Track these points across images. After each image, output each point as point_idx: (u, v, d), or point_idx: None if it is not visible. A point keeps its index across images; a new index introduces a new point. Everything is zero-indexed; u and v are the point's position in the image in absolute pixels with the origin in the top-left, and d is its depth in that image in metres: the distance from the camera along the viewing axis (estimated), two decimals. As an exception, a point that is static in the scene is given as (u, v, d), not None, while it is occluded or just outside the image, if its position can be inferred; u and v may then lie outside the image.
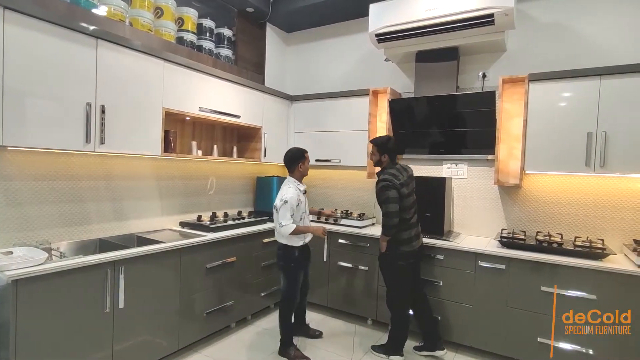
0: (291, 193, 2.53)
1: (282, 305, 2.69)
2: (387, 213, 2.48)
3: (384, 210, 2.50)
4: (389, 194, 2.48)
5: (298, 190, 2.61)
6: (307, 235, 2.71)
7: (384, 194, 2.50)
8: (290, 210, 2.50)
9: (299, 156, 2.66)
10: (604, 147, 2.48)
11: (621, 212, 2.70)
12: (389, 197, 2.48)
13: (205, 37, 3.43)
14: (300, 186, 2.67)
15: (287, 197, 2.50)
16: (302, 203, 2.62)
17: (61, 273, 1.85)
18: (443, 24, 2.79)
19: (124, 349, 2.16)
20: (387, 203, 2.49)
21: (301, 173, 2.68)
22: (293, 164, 2.65)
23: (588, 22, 2.82)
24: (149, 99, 2.49)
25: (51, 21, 1.96)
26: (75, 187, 2.41)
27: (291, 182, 2.64)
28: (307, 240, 2.72)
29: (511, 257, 2.57)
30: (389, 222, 2.48)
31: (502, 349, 2.62)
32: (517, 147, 2.90)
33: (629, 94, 2.42)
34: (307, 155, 2.72)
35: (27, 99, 1.89)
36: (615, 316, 2.27)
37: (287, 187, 2.61)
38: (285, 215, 2.48)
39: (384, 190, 2.50)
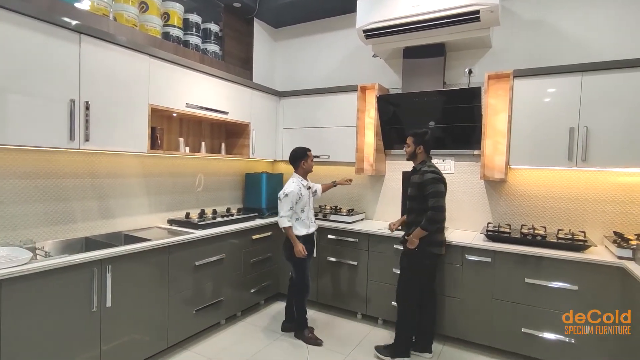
0: (292, 187, 2.75)
1: (297, 293, 2.87)
2: (437, 207, 2.37)
3: (434, 203, 2.38)
4: (440, 187, 2.41)
5: (301, 185, 2.81)
6: (311, 226, 2.87)
7: (434, 186, 2.40)
8: (290, 203, 2.72)
9: (301, 155, 2.85)
10: (585, 141, 2.54)
11: (602, 205, 2.77)
12: (440, 191, 2.41)
13: (192, 33, 3.38)
14: (304, 182, 2.86)
15: (288, 191, 2.73)
16: (303, 197, 2.79)
17: (46, 273, 1.82)
18: (430, 20, 2.81)
19: (112, 347, 2.15)
20: (437, 196, 2.39)
21: (304, 170, 2.87)
22: (296, 161, 2.86)
23: (569, 19, 2.88)
24: (135, 95, 2.45)
25: (31, 15, 1.91)
26: (60, 185, 2.37)
27: (295, 177, 2.86)
28: (310, 231, 2.85)
29: (497, 250, 2.62)
30: (436, 217, 2.38)
31: (489, 340, 2.68)
32: (502, 142, 2.95)
33: (609, 90, 2.48)
34: (310, 154, 2.89)
35: (8, 95, 1.84)
36: (615, 316, 2.28)
37: (290, 182, 2.82)
38: (284, 208, 2.71)
39: (435, 182, 2.41)
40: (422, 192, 2.45)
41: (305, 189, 2.83)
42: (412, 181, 2.58)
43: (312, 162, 2.92)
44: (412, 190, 2.55)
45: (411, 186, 2.57)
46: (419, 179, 2.48)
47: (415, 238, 2.46)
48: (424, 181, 2.44)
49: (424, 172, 2.47)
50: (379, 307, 3.12)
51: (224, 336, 2.90)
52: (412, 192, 2.55)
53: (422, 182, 2.45)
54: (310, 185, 2.93)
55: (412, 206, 2.57)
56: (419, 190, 2.47)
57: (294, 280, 2.90)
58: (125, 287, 2.20)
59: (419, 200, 2.48)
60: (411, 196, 2.56)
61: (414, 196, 2.53)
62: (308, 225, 2.85)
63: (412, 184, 2.57)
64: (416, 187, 2.50)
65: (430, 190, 2.40)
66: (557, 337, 2.45)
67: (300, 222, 2.82)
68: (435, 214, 2.38)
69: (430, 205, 2.39)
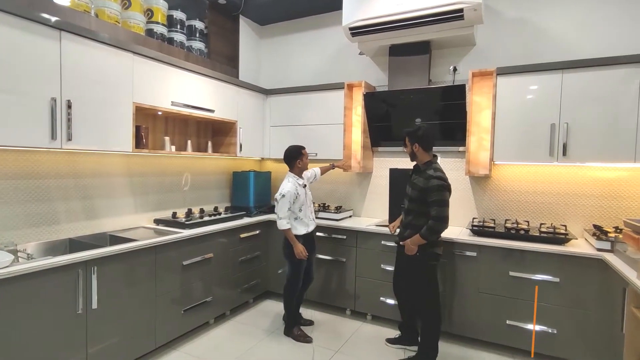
0: (288, 187, 2.73)
1: (286, 289, 2.87)
2: (442, 217, 2.28)
3: (437, 212, 2.28)
4: (446, 196, 2.30)
5: (297, 184, 2.79)
6: (310, 224, 2.87)
7: (440, 194, 2.29)
8: (287, 203, 2.70)
9: (295, 154, 2.83)
10: (566, 137, 2.61)
11: (582, 199, 2.86)
12: (444, 200, 2.29)
13: (177, 30, 3.33)
14: (300, 180, 2.84)
15: (284, 192, 2.71)
16: (300, 196, 2.78)
17: (29, 275, 1.78)
18: (415, 18, 2.84)
19: (99, 350, 2.12)
20: (442, 206, 2.28)
21: (300, 169, 2.85)
22: (291, 161, 2.84)
23: (551, 17, 2.94)
24: (119, 93, 2.41)
25: (9, 11, 1.85)
26: (42, 186, 2.31)
27: (290, 177, 2.83)
28: (309, 229, 2.85)
29: (482, 245, 2.68)
30: (438, 227, 2.30)
31: (475, 332, 2.74)
32: (486, 139, 3.01)
33: (588, 87, 2.55)
34: (305, 152, 2.87)
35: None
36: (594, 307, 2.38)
37: (286, 182, 2.80)
38: (282, 209, 2.69)
39: (441, 190, 2.29)
40: (425, 197, 2.34)
41: (301, 188, 2.81)
42: (414, 182, 2.46)
43: (308, 160, 2.90)
44: (414, 193, 2.43)
45: (413, 187, 2.46)
46: (423, 184, 2.36)
47: (413, 245, 2.39)
48: (429, 187, 2.32)
49: (429, 177, 2.34)
50: (367, 302, 3.15)
51: (213, 335, 2.88)
52: (414, 194, 2.43)
53: (426, 187, 2.33)
54: (306, 184, 2.90)
55: (411, 208, 2.47)
56: (422, 194, 2.36)
57: (287, 277, 2.87)
58: (112, 289, 2.17)
59: (419, 203, 2.39)
60: (412, 198, 2.45)
61: (415, 199, 2.42)
62: (307, 223, 2.84)
63: (414, 185, 2.45)
64: (418, 190, 2.38)
65: (434, 198, 2.29)
66: (540, 328, 2.52)
67: (299, 222, 2.80)
68: (437, 225, 2.29)
69: (433, 215, 2.29)
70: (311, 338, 2.82)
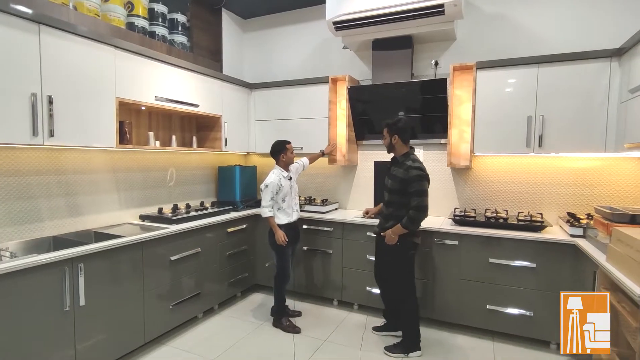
0: (272, 179, 2.86)
1: (276, 280, 2.95)
2: (422, 207, 2.34)
3: (418, 202, 2.34)
4: (425, 186, 2.36)
5: (281, 176, 2.90)
6: (292, 215, 2.95)
7: (419, 184, 2.35)
8: (270, 193, 2.83)
9: (280, 148, 2.93)
10: (541, 129, 2.72)
11: (557, 188, 2.99)
12: (425, 190, 2.36)
13: (158, 23, 3.29)
14: (284, 173, 2.94)
15: (268, 182, 2.85)
16: (283, 187, 2.88)
17: (14, 274, 1.77)
18: (397, 13, 2.89)
19: (88, 346, 2.11)
20: (422, 195, 2.34)
21: (284, 162, 2.95)
22: (276, 155, 2.95)
23: (527, 13, 3.04)
24: (101, 88, 2.38)
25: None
26: (23, 183, 2.27)
27: (276, 169, 2.95)
28: (291, 220, 2.93)
29: (463, 234, 2.78)
30: (420, 216, 2.36)
31: (457, 317, 2.85)
32: (467, 131, 3.10)
33: (562, 81, 2.66)
34: (289, 147, 2.96)
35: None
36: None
37: (271, 174, 2.92)
38: (265, 198, 2.83)
39: (420, 180, 2.36)
40: (405, 188, 2.40)
41: (285, 180, 2.91)
42: (393, 174, 2.51)
43: (293, 155, 2.98)
44: (394, 184, 2.49)
45: (392, 179, 2.52)
46: (402, 174, 2.42)
47: (394, 235, 2.46)
48: (408, 178, 2.38)
49: (408, 168, 2.41)
50: (354, 293, 3.22)
51: (202, 329, 2.91)
52: (394, 185, 2.49)
53: (406, 178, 2.39)
54: (291, 176, 2.98)
55: (391, 199, 2.53)
56: (402, 185, 2.42)
57: (276, 268, 2.95)
58: (99, 285, 2.17)
59: (400, 194, 2.45)
60: (392, 189, 2.51)
61: (395, 190, 2.48)
62: (290, 214, 2.93)
63: (393, 177, 2.50)
64: (399, 182, 2.44)
65: (414, 189, 2.36)
66: (518, 311, 2.64)
67: (282, 211, 2.89)
68: (418, 214, 2.36)
69: (414, 205, 2.36)
70: (300, 328, 2.88)
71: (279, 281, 2.94)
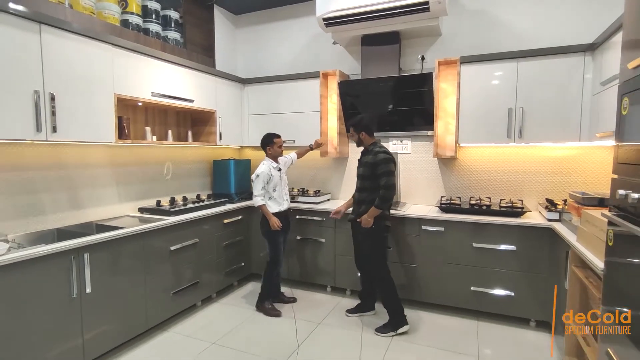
0: (262, 169, 3.00)
1: (269, 266, 3.09)
2: (390, 185, 2.56)
3: (386, 182, 2.56)
4: (391, 166, 2.58)
5: (271, 167, 3.03)
6: (283, 204, 3.07)
7: (386, 165, 2.57)
8: (262, 182, 2.97)
9: (267, 142, 3.08)
10: (521, 120, 2.88)
11: (536, 176, 3.16)
12: (392, 171, 2.58)
13: (152, 20, 3.35)
14: (274, 164, 3.08)
15: (259, 172, 2.99)
16: (274, 177, 3.02)
17: (24, 263, 1.86)
18: (385, 10, 3.00)
19: (94, 331, 2.23)
20: (389, 175, 2.56)
21: (272, 155, 3.08)
22: (264, 147, 3.10)
23: (507, 9, 3.18)
24: (100, 85, 2.46)
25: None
26: (27, 177, 2.35)
27: (266, 160, 3.09)
28: (282, 209, 3.06)
29: (448, 220, 2.94)
30: (388, 194, 2.57)
31: (444, 299, 3.02)
32: (452, 123, 3.24)
33: (540, 75, 2.81)
34: (277, 140, 3.08)
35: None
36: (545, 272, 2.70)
37: (261, 164, 3.06)
38: (257, 187, 2.97)
39: (386, 162, 2.58)
40: (375, 171, 2.63)
41: (275, 171, 3.04)
42: (364, 161, 2.75)
43: (280, 148, 3.09)
44: (365, 170, 2.72)
45: (364, 166, 2.74)
46: (371, 159, 2.66)
47: (370, 217, 2.64)
48: (376, 161, 2.61)
49: (376, 153, 2.66)
50: (346, 279, 3.37)
51: (201, 316, 3.03)
52: (365, 171, 2.72)
53: (374, 162, 2.63)
54: (281, 167, 3.11)
55: (364, 185, 2.74)
56: (372, 170, 2.65)
57: (269, 255, 3.08)
58: (104, 274, 2.28)
59: (371, 179, 2.67)
60: (364, 175, 2.73)
61: (367, 175, 2.70)
62: (280, 203, 3.06)
63: (364, 164, 2.74)
64: (369, 167, 2.67)
65: (382, 170, 2.58)
66: (500, 292, 2.82)
67: (273, 201, 3.03)
68: (387, 192, 2.58)
69: (382, 184, 2.57)
70: (280, 312, 3.04)
71: (271, 267, 3.07)
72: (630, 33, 1.48)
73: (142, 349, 2.54)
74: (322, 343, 2.62)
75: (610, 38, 2.33)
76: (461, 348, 2.54)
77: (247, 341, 2.64)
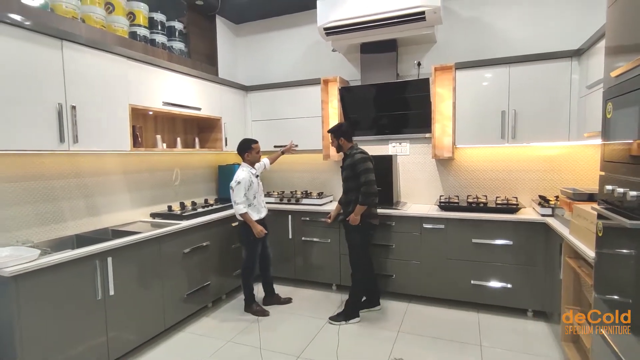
0: (243, 175, 3.01)
1: (243, 273, 3.19)
2: (369, 181, 2.75)
3: (365, 179, 2.75)
4: (369, 164, 2.79)
5: (250, 173, 3.07)
6: (262, 211, 3.13)
7: (364, 164, 2.78)
8: (243, 189, 2.98)
9: (245, 147, 3.12)
10: (514, 122, 3.06)
11: (529, 174, 3.35)
12: (369, 168, 2.78)
13: (158, 31, 3.47)
14: (253, 170, 3.12)
15: (240, 179, 2.99)
16: (253, 184, 3.07)
17: (55, 267, 1.97)
18: (383, 20, 3.16)
19: (117, 331, 2.33)
20: (367, 172, 2.76)
21: (250, 160, 3.14)
22: (242, 152, 3.15)
23: (499, 17, 3.37)
24: (115, 95, 2.57)
25: (16, 24, 1.98)
26: (48, 186, 2.45)
27: (244, 166, 3.12)
28: (262, 216, 3.13)
29: (448, 218, 3.10)
30: (370, 190, 2.75)
31: (445, 293, 3.18)
32: (449, 126, 3.41)
33: (531, 79, 3.00)
34: (255, 146, 3.13)
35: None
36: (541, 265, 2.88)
37: (240, 171, 3.08)
38: (239, 195, 2.98)
39: (363, 161, 2.79)
40: (355, 171, 2.82)
41: (254, 177, 3.10)
42: (345, 165, 2.94)
43: (258, 154, 3.17)
44: (347, 172, 2.91)
45: (345, 169, 2.94)
46: (350, 161, 2.88)
47: (356, 215, 2.83)
48: (354, 162, 2.82)
49: (354, 154, 2.87)
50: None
51: (213, 316, 3.14)
52: (347, 173, 2.91)
53: (352, 163, 2.84)
54: (257, 174, 3.19)
55: (348, 186, 2.92)
56: (352, 171, 2.84)
57: (243, 261, 3.17)
58: (125, 277, 2.38)
59: (353, 180, 2.86)
60: (347, 177, 2.92)
61: (350, 177, 2.89)
62: (260, 210, 3.14)
63: (346, 167, 2.93)
64: (350, 167, 2.87)
65: (361, 168, 2.78)
66: (499, 284, 2.98)
67: (253, 208, 3.09)
68: (368, 188, 2.77)
69: (363, 181, 2.77)
70: (269, 312, 3.14)
71: (246, 273, 3.14)
72: (612, 41, 1.65)
73: (161, 348, 2.64)
74: (333, 337, 2.76)
75: (595, 44, 2.52)
76: (465, 338, 2.69)
77: (261, 338, 2.76)
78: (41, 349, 1.92)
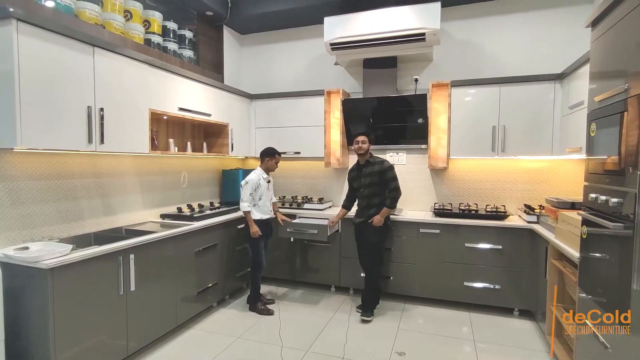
0: (252, 176, 3.24)
1: (251, 271, 3.34)
2: (398, 188, 3.07)
3: (395, 185, 3.06)
4: (395, 173, 3.10)
5: (261, 176, 3.27)
6: (266, 214, 3.30)
7: (394, 171, 3.09)
8: (250, 189, 3.19)
9: (269, 153, 3.34)
10: (503, 136, 3.35)
11: (516, 184, 3.65)
12: (396, 175, 3.09)
13: (170, 39, 3.60)
14: (264, 174, 3.32)
15: (248, 179, 3.23)
16: (261, 186, 3.25)
17: (84, 261, 2.07)
18: (387, 39, 3.41)
19: (136, 326, 2.42)
20: (396, 180, 3.07)
21: (266, 166, 3.34)
22: (263, 157, 3.36)
23: (490, 41, 3.68)
24: (137, 100, 2.69)
25: (53, 30, 2.09)
26: (70, 185, 2.54)
27: (257, 170, 3.33)
28: (264, 217, 3.30)
29: (443, 223, 3.34)
30: (398, 195, 3.07)
31: (440, 294, 3.40)
32: (444, 138, 3.68)
33: (519, 98, 3.30)
34: (277, 157, 3.36)
35: (36, 106, 2.02)
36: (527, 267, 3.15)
37: (252, 172, 3.30)
38: (245, 193, 3.19)
39: (392, 169, 3.10)
40: (383, 178, 3.07)
41: (264, 181, 3.28)
42: (371, 171, 3.12)
43: (277, 165, 3.38)
44: (374, 179, 3.11)
45: (371, 175, 3.12)
46: (379, 168, 3.10)
47: (382, 217, 3.08)
48: (383, 169, 3.08)
49: (381, 162, 3.12)
50: (350, 279, 3.69)
51: (219, 315, 3.25)
52: (374, 179, 3.11)
53: (381, 170, 3.08)
54: (270, 179, 3.38)
55: (372, 191, 3.13)
56: (380, 177, 3.08)
57: (250, 259, 3.33)
58: (144, 273, 2.48)
59: (380, 185, 3.10)
60: (372, 183, 3.12)
61: (376, 182, 3.10)
62: (264, 211, 3.30)
63: (372, 174, 3.11)
64: (377, 174, 3.09)
65: (391, 175, 3.08)
66: (488, 285, 3.23)
67: (257, 208, 3.26)
68: (397, 193, 3.07)
69: (394, 187, 3.07)
70: (273, 311, 3.30)
71: (254, 271, 3.31)
72: (596, 69, 1.93)
73: (173, 344, 2.74)
74: (337, 332, 2.93)
75: (576, 70, 2.83)
76: (459, 334, 2.92)
77: (269, 334, 2.90)
78: (70, 336, 2.02)
